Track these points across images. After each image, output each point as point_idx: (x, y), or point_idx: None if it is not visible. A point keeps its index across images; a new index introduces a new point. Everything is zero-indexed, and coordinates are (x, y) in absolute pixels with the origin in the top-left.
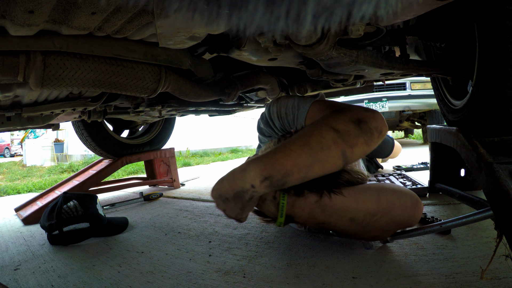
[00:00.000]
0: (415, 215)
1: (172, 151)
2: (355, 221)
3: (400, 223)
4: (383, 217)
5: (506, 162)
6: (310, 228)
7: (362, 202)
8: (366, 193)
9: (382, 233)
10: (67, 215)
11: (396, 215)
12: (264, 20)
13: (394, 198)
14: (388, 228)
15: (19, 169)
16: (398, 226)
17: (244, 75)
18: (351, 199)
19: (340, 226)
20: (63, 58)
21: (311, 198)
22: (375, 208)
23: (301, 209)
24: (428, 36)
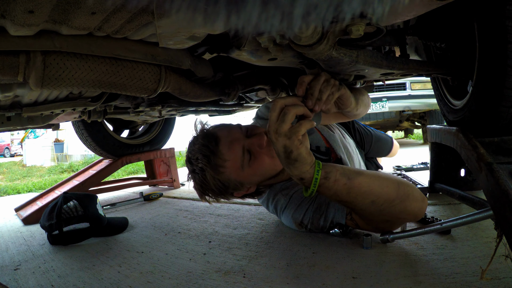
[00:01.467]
0: (423, 207)
1: (172, 151)
2: (375, 204)
3: (411, 213)
4: (399, 205)
5: (506, 162)
6: (310, 228)
7: (386, 188)
8: (389, 180)
9: (393, 220)
10: (67, 215)
11: (409, 205)
12: (261, 19)
13: (409, 189)
14: (400, 216)
15: (19, 169)
16: (408, 216)
17: (244, 75)
18: (377, 183)
19: (360, 207)
20: (63, 58)
21: (340, 181)
22: (395, 195)
23: (327, 189)
24: (428, 36)
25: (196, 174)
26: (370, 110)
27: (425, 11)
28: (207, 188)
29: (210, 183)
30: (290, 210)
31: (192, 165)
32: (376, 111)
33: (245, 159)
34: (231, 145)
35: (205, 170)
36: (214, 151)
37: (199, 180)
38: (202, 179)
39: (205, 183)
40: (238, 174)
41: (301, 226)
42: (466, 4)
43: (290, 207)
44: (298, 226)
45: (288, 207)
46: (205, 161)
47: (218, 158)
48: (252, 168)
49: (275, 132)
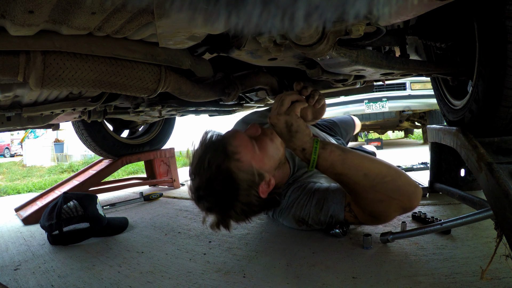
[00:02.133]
0: (416, 192)
1: (172, 151)
2: (367, 178)
3: (404, 194)
4: (391, 182)
5: (506, 162)
6: (311, 224)
7: (377, 164)
8: (380, 160)
9: (388, 200)
10: (67, 215)
11: (402, 185)
12: (262, 19)
13: (401, 172)
14: (394, 196)
15: (19, 169)
16: (402, 197)
17: (244, 75)
18: (368, 158)
19: (354, 179)
20: (63, 58)
21: (335, 152)
22: (386, 171)
23: (325, 160)
24: (428, 36)
25: (212, 185)
26: (370, 110)
27: (425, 11)
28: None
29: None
30: (289, 209)
31: (202, 174)
32: (376, 111)
33: (253, 143)
34: (235, 135)
35: (222, 165)
36: (223, 143)
37: (218, 195)
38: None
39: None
40: (255, 158)
41: (302, 223)
42: (466, 4)
43: (288, 206)
44: (298, 223)
45: (287, 206)
46: (219, 155)
47: (230, 146)
48: (262, 150)
49: (277, 113)
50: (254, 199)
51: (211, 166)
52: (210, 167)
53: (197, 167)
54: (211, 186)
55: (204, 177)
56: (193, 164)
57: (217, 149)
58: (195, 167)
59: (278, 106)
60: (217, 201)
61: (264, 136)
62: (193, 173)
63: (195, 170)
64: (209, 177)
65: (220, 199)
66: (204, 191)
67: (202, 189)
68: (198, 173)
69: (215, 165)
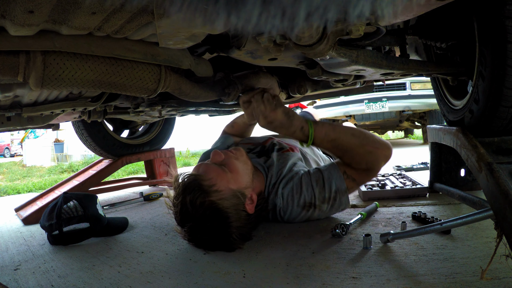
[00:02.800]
0: (389, 145)
1: (172, 151)
2: (355, 136)
3: (384, 145)
4: (371, 137)
5: (506, 162)
6: (318, 205)
7: (354, 127)
8: None
9: (375, 151)
10: (67, 215)
11: (378, 139)
12: (262, 20)
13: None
14: (378, 146)
15: (19, 169)
16: (383, 146)
17: (244, 75)
18: (346, 125)
19: (346, 140)
20: (63, 58)
21: (324, 124)
22: (363, 131)
23: (319, 131)
24: (428, 36)
25: (204, 224)
26: (370, 110)
27: (425, 11)
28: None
29: (224, 211)
30: (290, 202)
31: (190, 219)
32: (376, 111)
33: (223, 168)
34: (204, 169)
35: (205, 201)
36: (196, 181)
37: (213, 231)
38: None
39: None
40: (231, 181)
41: (309, 206)
42: (465, 4)
43: (288, 200)
44: (306, 208)
45: (286, 203)
46: (198, 194)
47: (203, 181)
48: (234, 171)
49: (272, 110)
50: (245, 219)
51: (195, 207)
52: (194, 208)
53: (182, 215)
54: (203, 226)
55: (193, 220)
56: (177, 214)
57: (194, 189)
58: (180, 215)
59: (267, 105)
60: (214, 236)
61: (228, 158)
62: (181, 222)
63: (182, 218)
64: (198, 217)
65: (216, 234)
66: (199, 233)
67: (196, 233)
68: (186, 219)
69: (198, 204)
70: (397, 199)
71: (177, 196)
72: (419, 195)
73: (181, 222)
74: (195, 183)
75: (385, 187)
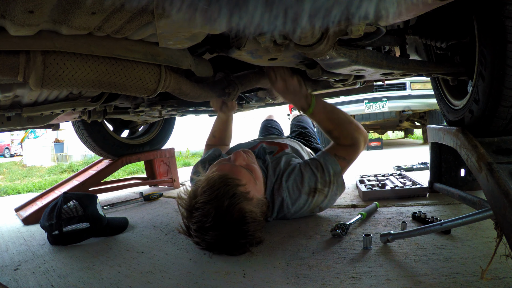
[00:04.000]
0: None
1: (172, 151)
2: (344, 114)
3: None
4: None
5: (506, 162)
6: (321, 188)
7: None
8: None
9: (357, 129)
10: (67, 215)
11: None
12: (264, 20)
13: None
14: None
15: (19, 169)
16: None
17: (244, 75)
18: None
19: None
20: (63, 58)
21: (320, 99)
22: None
23: (318, 102)
24: (428, 35)
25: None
26: (370, 110)
27: (425, 11)
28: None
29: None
30: (297, 190)
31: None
32: (376, 111)
33: (250, 174)
34: (236, 171)
35: (245, 208)
36: (235, 186)
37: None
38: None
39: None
40: (256, 189)
41: (314, 192)
42: (465, 3)
43: (293, 191)
44: (311, 194)
45: (292, 194)
46: (238, 201)
47: (240, 186)
48: (257, 178)
49: (290, 75)
50: (263, 225)
51: (230, 213)
52: (229, 214)
53: (214, 219)
54: (232, 232)
55: (225, 227)
56: (204, 217)
57: (233, 194)
58: (210, 220)
59: (286, 71)
60: (239, 242)
61: (252, 162)
62: (209, 227)
63: (212, 223)
64: (231, 224)
65: (240, 240)
66: (226, 239)
67: (223, 239)
68: (216, 224)
69: (235, 210)
70: (397, 199)
71: (210, 200)
72: (419, 195)
73: (208, 227)
74: (232, 189)
75: (385, 187)
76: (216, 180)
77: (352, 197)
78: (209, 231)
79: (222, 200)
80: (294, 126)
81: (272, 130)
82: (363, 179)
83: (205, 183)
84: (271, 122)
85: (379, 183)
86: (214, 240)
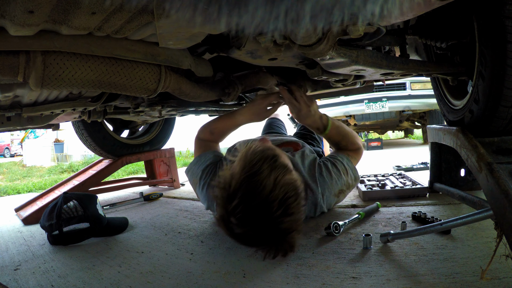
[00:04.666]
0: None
1: (172, 151)
2: (349, 128)
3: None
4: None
5: (506, 162)
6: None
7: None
8: None
9: (357, 137)
10: (67, 215)
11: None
12: (264, 20)
13: None
14: (358, 138)
15: (19, 169)
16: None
17: (244, 75)
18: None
19: (347, 130)
20: (63, 58)
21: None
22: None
23: (333, 123)
24: (428, 35)
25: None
26: (370, 110)
27: (425, 11)
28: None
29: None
30: (329, 194)
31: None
32: (376, 111)
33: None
34: (271, 148)
35: (293, 179)
36: (276, 157)
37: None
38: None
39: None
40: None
41: (340, 193)
42: (465, 4)
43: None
44: (337, 196)
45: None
46: (284, 171)
47: (280, 158)
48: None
49: (311, 101)
50: (305, 204)
51: (278, 185)
52: (277, 186)
53: (258, 195)
54: (284, 207)
55: (274, 201)
56: (248, 195)
57: (278, 165)
58: (255, 196)
59: (306, 97)
60: (299, 218)
61: (278, 149)
62: (254, 207)
63: (256, 200)
64: (281, 197)
65: (297, 214)
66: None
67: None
68: (263, 201)
69: (283, 182)
70: (397, 199)
71: (253, 173)
72: (419, 195)
73: (254, 206)
74: (274, 159)
75: (385, 187)
76: (256, 153)
77: (352, 197)
78: (256, 211)
79: (266, 171)
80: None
81: (275, 129)
82: (363, 179)
83: (243, 160)
84: (276, 121)
85: (379, 183)
86: (262, 223)
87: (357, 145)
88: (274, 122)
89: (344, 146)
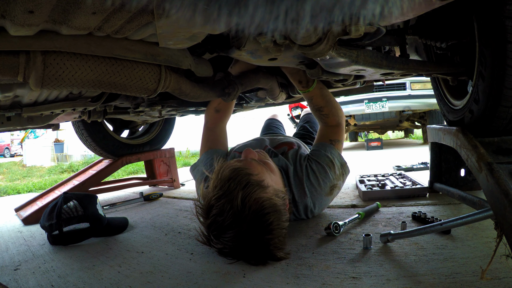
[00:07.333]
0: None
1: (172, 151)
2: (331, 96)
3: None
4: None
5: (506, 162)
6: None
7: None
8: None
9: (339, 108)
10: (67, 215)
11: None
12: (264, 20)
13: None
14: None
15: (19, 169)
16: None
17: (244, 75)
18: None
19: (328, 93)
20: (63, 58)
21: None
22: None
23: (318, 83)
24: (428, 35)
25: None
26: (370, 110)
27: (426, 10)
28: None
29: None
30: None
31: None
32: (376, 111)
33: (264, 166)
34: (248, 164)
35: (263, 197)
36: (247, 176)
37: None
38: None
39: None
40: (273, 180)
41: (333, 189)
42: (465, 4)
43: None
44: (330, 193)
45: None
46: (254, 190)
47: (253, 176)
48: (272, 170)
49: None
50: (287, 222)
51: (247, 205)
52: (245, 207)
53: (232, 216)
54: (255, 228)
55: (244, 222)
56: (220, 217)
57: (246, 184)
58: (229, 217)
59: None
60: (264, 242)
61: (264, 157)
62: (226, 226)
63: (229, 221)
64: (251, 218)
65: (266, 239)
66: (248, 239)
67: (244, 238)
68: (234, 221)
69: (252, 201)
70: (397, 199)
71: (222, 195)
72: (419, 195)
73: (226, 227)
74: (244, 178)
75: (385, 187)
76: (226, 173)
77: (352, 197)
78: (228, 230)
79: (235, 192)
80: (302, 120)
81: (274, 129)
82: (363, 179)
83: (215, 179)
84: (275, 122)
85: (379, 183)
86: (235, 242)
87: (338, 119)
88: (273, 123)
89: (325, 115)
